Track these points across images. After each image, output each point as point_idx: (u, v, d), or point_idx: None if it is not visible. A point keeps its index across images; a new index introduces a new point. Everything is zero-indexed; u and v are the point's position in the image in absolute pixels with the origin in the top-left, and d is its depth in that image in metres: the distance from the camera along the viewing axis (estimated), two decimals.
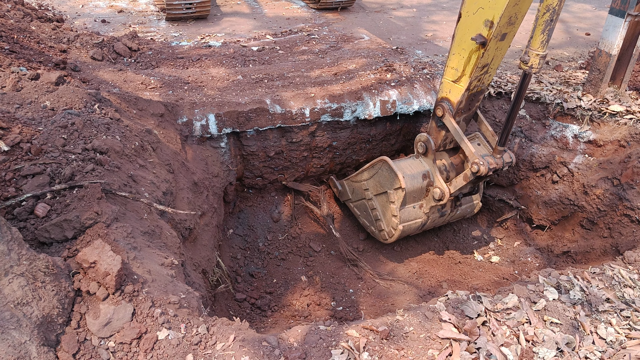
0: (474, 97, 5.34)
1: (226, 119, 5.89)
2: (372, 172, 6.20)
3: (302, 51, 8.04)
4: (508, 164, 5.37)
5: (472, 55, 4.86)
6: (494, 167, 5.18)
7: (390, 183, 5.85)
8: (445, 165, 5.81)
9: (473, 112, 5.59)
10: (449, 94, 5.29)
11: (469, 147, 5.26)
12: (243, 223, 6.84)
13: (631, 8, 5.60)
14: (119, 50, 7.23)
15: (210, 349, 2.80)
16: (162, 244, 3.73)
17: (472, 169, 5.18)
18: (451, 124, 5.34)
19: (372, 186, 6.25)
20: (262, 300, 5.95)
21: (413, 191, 5.79)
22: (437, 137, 5.65)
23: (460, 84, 5.12)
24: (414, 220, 6.02)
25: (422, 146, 5.79)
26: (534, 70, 4.34)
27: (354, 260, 6.61)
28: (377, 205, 6.26)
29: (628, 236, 5.40)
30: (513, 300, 3.50)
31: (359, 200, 6.67)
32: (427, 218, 6.05)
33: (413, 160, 5.92)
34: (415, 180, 5.75)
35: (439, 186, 5.64)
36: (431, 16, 10.47)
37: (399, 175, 5.64)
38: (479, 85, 5.21)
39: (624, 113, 5.89)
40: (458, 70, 5.08)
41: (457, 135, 5.33)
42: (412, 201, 5.95)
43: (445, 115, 5.36)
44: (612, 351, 3.14)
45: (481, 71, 4.98)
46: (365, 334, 3.09)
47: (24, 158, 3.45)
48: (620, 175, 5.56)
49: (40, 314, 2.53)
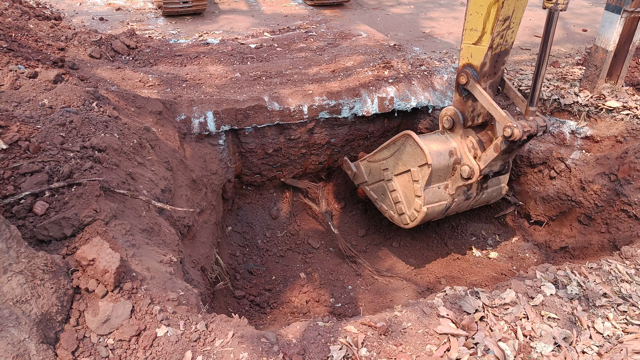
0: (498, 59, 5.02)
1: (224, 116, 5.89)
2: (393, 149, 5.71)
3: (300, 48, 8.04)
4: (542, 128, 4.95)
5: (491, 8, 4.57)
6: (528, 130, 4.77)
7: (414, 159, 5.39)
8: (473, 143, 5.43)
9: (499, 78, 5.24)
10: (470, 58, 4.99)
11: (499, 111, 4.90)
12: (242, 220, 6.84)
13: (627, 4, 5.61)
14: (117, 48, 7.23)
15: (209, 346, 2.82)
16: (160, 241, 3.74)
17: (505, 133, 4.78)
18: (477, 90, 5.00)
19: (393, 165, 5.76)
20: (260, 297, 5.96)
21: (439, 169, 5.34)
22: (464, 109, 5.31)
23: (482, 43, 4.81)
24: (438, 202, 5.56)
25: (448, 121, 5.41)
26: (560, 6, 4.07)
27: (353, 257, 6.63)
28: (398, 186, 5.78)
29: (625, 231, 5.41)
30: (511, 296, 3.52)
31: (376, 182, 6.16)
32: (452, 200, 5.61)
33: (439, 136, 5.50)
34: (442, 157, 5.31)
35: (468, 163, 5.24)
36: (429, 13, 10.47)
37: (425, 150, 5.20)
38: (502, 44, 4.87)
39: (621, 109, 5.91)
40: (477, 30, 4.77)
41: (485, 101, 4.98)
42: (438, 181, 5.48)
43: (469, 81, 5.02)
44: (609, 346, 3.16)
45: (503, 25, 4.66)
46: (364, 330, 3.11)
47: (23, 156, 3.46)
48: (617, 170, 5.58)
49: (39, 311, 2.54)
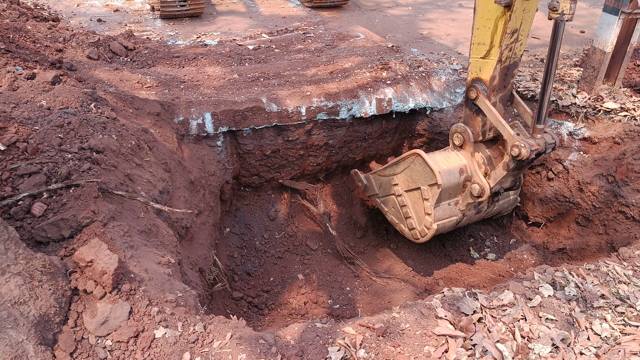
0: (508, 72, 4.97)
1: (222, 118, 5.89)
2: (403, 166, 5.69)
3: (298, 50, 8.04)
4: (551, 145, 4.87)
5: (499, 22, 4.56)
6: (535, 149, 4.68)
7: (424, 178, 5.37)
8: (483, 159, 5.38)
9: (509, 91, 5.18)
10: (479, 72, 4.94)
11: (507, 129, 4.83)
12: (240, 221, 6.84)
13: (625, 5, 5.63)
14: (115, 50, 7.22)
15: (207, 347, 2.82)
16: (158, 242, 3.74)
17: (512, 153, 4.71)
18: (486, 105, 4.95)
19: (403, 181, 5.75)
20: (259, 299, 5.96)
21: (449, 187, 5.31)
22: (475, 125, 5.23)
23: (491, 57, 4.77)
24: (448, 218, 5.56)
25: (458, 138, 5.33)
26: (567, 17, 4.01)
27: (351, 258, 6.63)
28: (408, 201, 5.76)
29: (623, 233, 5.43)
30: (508, 297, 3.52)
31: (387, 196, 6.16)
32: (463, 215, 5.61)
33: (449, 154, 5.46)
34: (452, 175, 5.27)
35: (478, 182, 5.20)
36: (427, 14, 10.49)
37: (435, 170, 5.17)
38: (511, 57, 4.83)
39: (619, 110, 5.92)
40: (485, 44, 4.74)
41: (493, 117, 4.93)
42: (448, 198, 5.46)
43: (479, 96, 4.95)
44: (606, 347, 3.17)
45: (511, 38, 4.63)
46: (362, 331, 3.11)
47: (21, 157, 3.45)
48: (615, 172, 5.59)
49: (38, 313, 2.53)
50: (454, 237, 7.11)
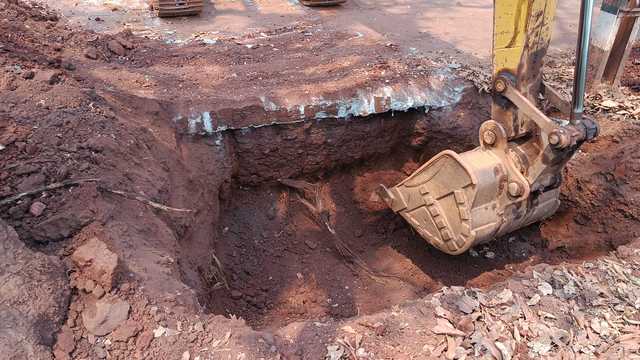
0: (536, 59, 4.69)
1: (221, 117, 5.89)
2: (432, 172, 5.30)
3: (296, 48, 8.04)
4: (592, 130, 4.49)
5: (521, 6, 4.36)
6: (576, 134, 4.35)
7: (457, 181, 5.01)
8: (518, 157, 5.04)
9: (538, 81, 4.87)
10: (505, 63, 4.68)
11: (542, 117, 4.50)
12: (238, 221, 6.84)
13: (623, 4, 5.63)
14: (114, 49, 7.22)
15: (206, 346, 2.82)
16: (157, 242, 3.74)
17: (551, 141, 4.37)
18: (516, 96, 4.65)
19: (434, 188, 5.36)
20: (258, 298, 5.96)
21: (485, 188, 4.94)
22: (506, 120, 4.95)
23: (517, 44, 4.52)
24: (487, 224, 5.14)
25: (489, 135, 5.03)
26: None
27: (350, 257, 6.63)
28: (441, 210, 5.36)
29: (622, 231, 5.43)
30: (507, 296, 3.52)
31: (417, 208, 5.73)
32: (502, 221, 5.20)
33: (480, 153, 5.12)
34: (487, 175, 4.91)
35: (516, 179, 4.85)
36: (425, 13, 10.48)
37: (469, 169, 4.82)
38: (538, 42, 4.57)
39: (617, 109, 5.93)
40: (509, 32, 4.51)
41: (526, 106, 4.63)
42: (484, 201, 5.08)
43: (507, 87, 4.68)
44: (605, 345, 3.17)
45: (536, 21, 4.41)
46: (361, 330, 3.11)
47: (19, 157, 3.45)
48: (613, 170, 5.60)
49: (37, 312, 2.53)
50: None
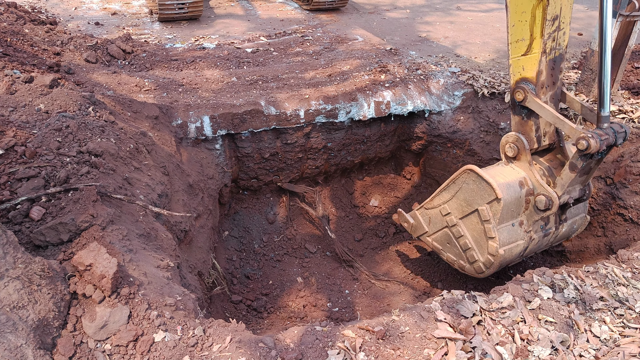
0: (554, 66, 4.55)
1: (221, 121, 5.89)
2: (454, 190, 5.05)
3: (296, 52, 8.05)
4: (621, 134, 4.25)
5: (536, 11, 4.24)
6: (605, 138, 4.13)
7: (481, 197, 4.75)
8: (542, 170, 4.82)
9: (559, 89, 4.71)
10: (523, 71, 4.53)
11: (567, 123, 4.31)
12: (238, 225, 6.84)
13: (623, 8, 5.64)
14: (113, 53, 7.22)
15: (206, 351, 2.81)
16: (157, 246, 3.73)
17: (580, 146, 4.14)
18: (537, 104, 4.47)
19: (456, 207, 5.09)
20: (258, 302, 5.95)
21: (511, 203, 4.65)
22: (527, 132, 4.75)
23: (534, 51, 4.39)
24: (515, 242, 4.84)
25: (511, 148, 4.78)
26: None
27: (350, 261, 6.62)
28: (465, 230, 5.08)
29: (621, 235, 5.43)
30: (508, 300, 3.52)
31: (439, 231, 5.45)
32: (530, 239, 4.91)
33: (503, 168, 4.87)
34: (512, 189, 4.64)
35: (543, 192, 4.60)
36: (425, 17, 10.51)
37: (493, 183, 4.57)
38: (555, 48, 4.44)
39: (617, 112, 5.94)
40: (525, 39, 4.39)
41: (549, 114, 4.45)
42: (510, 217, 4.77)
43: (527, 97, 4.50)
44: (606, 349, 3.17)
45: (553, 26, 4.28)
46: (362, 334, 3.10)
47: (19, 161, 3.45)
48: (613, 174, 5.60)
49: (36, 317, 2.53)
50: None
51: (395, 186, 7.88)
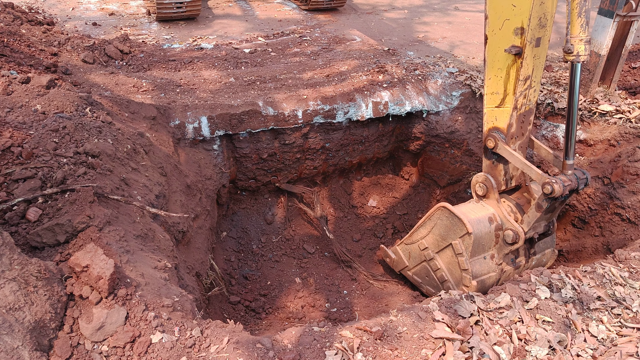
0: (524, 119, 4.97)
1: (219, 122, 5.89)
2: (430, 226, 5.49)
3: (294, 53, 8.05)
4: (583, 180, 4.69)
5: (510, 70, 4.62)
6: (568, 184, 4.55)
7: (454, 231, 5.16)
8: (510, 207, 5.20)
9: (527, 138, 5.16)
10: (495, 121, 4.94)
11: (534, 169, 4.74)
12: (236, 225, 6.83)
13: (619, 8, 5.65)
14: (111, 53, 7.21)
15: (204, 352, 2.80)
16: (155, 247, 3.73)
17: (545, 190, 4.56)
18: (507, 151, 4.90)
19: (432, 242, 5.51)
20: (256, 303, 5.95)
21: (481, 237, 5.06)
22: (496, 175, 5.19)
23: (506, 105, 4.79)
24: (487, 274, 5.23)
25: (481, 187, 5.25)
26: (582, 58, 4.04)
27: (348, 262, 6.62)
28: (442, 263, 5.47)
29: (619, 235, 5.44)
30: (505, 300, 3.52)
31: (418, 265, 5.84)
32: (502, 271, 5.30)
33: (474, 205, 5.31)
34: (482, 224, 5.06)
35: (511, 227, 5.01)
36: (423, 17, 10.51)
37: (463, 219, 4.99)
38: (526, 104, 4.85)
39: (614, 112, 5.94)
40: (499, 93, 4.79)
41: (517, 160, 4.87)
42: (482, 250, 5.18)
43: (497, 144, 4.93)
44: (603, 348, 3.17)
45: (524, 85, 4.67)
46: (359, 335, 3.10)
47: (15, 162, 3.44)
48: (610, 174, 5.60)
49: (33, 318, 2.52)
50: None
51: (394, 186, 7.88)
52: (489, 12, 4.51)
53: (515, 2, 4.26)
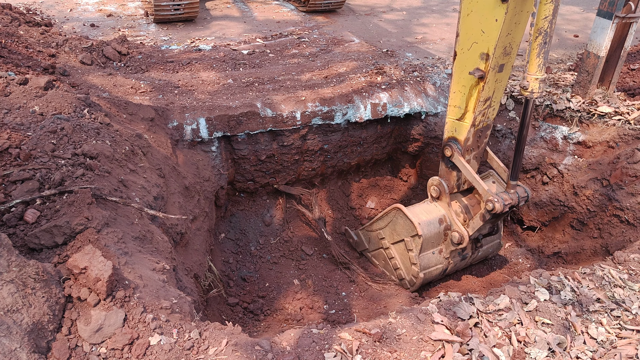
0: (481, 133, 5.30)
1: (217, 123, 5.88)
2: (387, 221, 6.04)
3: (292, 54, 8.04)
4: (524, 198, 5.19)
5: (473, 90, 4.84)
6: (509, 203, 5.04)
7: (407, 231, 5.70)
8: (461, 208, 5.68)
9: (482, 149, 5.52)
10: (455, 132, 5.24)
11: (481, 185, 5.17)
12: (235, 227, 6.82)
13: (618, 10, 5.66)
14: (109, 55, 7.20)
15: (202, 354, 2.79)
16: (153, 249, 3.71)
17: (487, 207, 5.05)
18: (461, 163, 5.27)
19: (389, 234, 6.09)
20: (254, 305, 5.93)
21: (430, 237, 5.63)
22: (449, 179, 5.58)
23: (465, 121, 5.08)
24: (434, 266, 5.85)
25: (435, 190, 5.69)
26: (535, 95, 4.30)
27: (346, 263, 6.61)
28: (395, 253, 6.10)
29: (618, 236, 5.44)
30: (505, 302, 3.52)
31: (376, 250, 6.52)
32: (449, 263, 5.89)
33: (428, 205, 5.79)
34: (432, 225, 5.60)
35: (457, 230, 5.50)
36: (421, 19, 10.52)
37: (415, 222, 5.51)
38: (484, 120, 5.16)
39: (613, 114, 5.95)
40: (461, 108, 5.04)
41: (469, 174, 5.25)
42: (431, 247, 5.76)
43: (454, 154, 5.29)
44: (603, 351, 3.17)
45: (484, 105, 4.94)
46: (358, 337, 3.09)
47: (13, 163, 3.43)
48: (609, 176, 5.61)
49: (31, 320, 2.51)
50: None
51: (392, 188, 7.88)
52: (460, 31, 4.68)
53: (485, 28, 4.42)
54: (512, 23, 4.34)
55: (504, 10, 4.19)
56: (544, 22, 3.96)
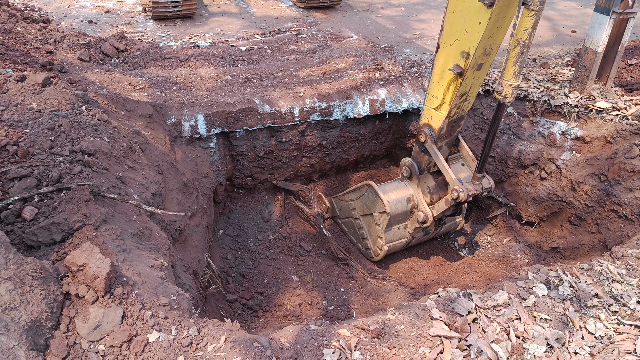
0: (455, 124, 5.54)
1: (215, 119, 5.87)
2: (358, 194, 6.40)
3: (290, 50, 8.03)
4: (487, 189, 5.55)
5: (451, 84, 5.02)
6: (472, 193, 5.39)
7: (376, 206, 6.06)
8: (429, 188, 5.99)
9: (455, 137, 5.77)
10: (430, 120, 5.49)
11: (449, 173, 5.45)
12: (233, 223, 6.82)
13: (616, 5, 5.65)
14: (107, 51, 7.18)
15: (201, 351, 2.80)
16: (151, 245, 3.71)
17: (452, 196, 5.39)
18: (432, 150, 5.55)
19: (359, 207, 6.44)
20: (253, 301, 5.94)
21: (398, 214, 6.02)
22: (421, 161, 5.87)
23: (441, 111, 5.29)
24: (399, 240, 6.28)
25: (406, 170, 6.02)
26: (508, 100, 4.44)
27: (345, 259, 6.61)
28: (364, 224, 6.47)
29: (615, 232, 5.45)
30: (503, 297, 3.52)
31: (346, 218, 6.90)
32: (412, 237, 6.30)
33: (398, 184, 6.12)
34: (400, 204, 5.97)
35: (423, 210, 5.86)
36: (419, 15, 10.50)
37: (384, 200, 5.86)
38: (458, 112, 5.38)
39: (610, 110, 5.94)
40: (438, 98, 5.24)
41: (439, 162, 5.52)
42: (397, 223, 6.18)
43: (427, 141, 5.55)
44: (601, 346, 3.17)
45: (460, 99, 5.14)
46: (357, 333, 3.10)
47: (11, 160, 3.42)
48: (607, 171, 5.61)
49: (29, 318, 2.51)
50: (448, 239, 7.12)
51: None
52: (445, 25, 4.87)
53: (468, 28, 4.58)
54: (495, 27, 4.46)
55: (487, 15, 4.30)
56: (523, 34, 4.07)
